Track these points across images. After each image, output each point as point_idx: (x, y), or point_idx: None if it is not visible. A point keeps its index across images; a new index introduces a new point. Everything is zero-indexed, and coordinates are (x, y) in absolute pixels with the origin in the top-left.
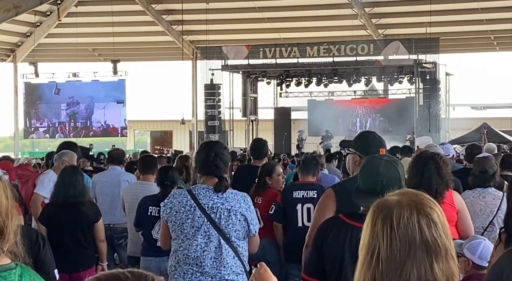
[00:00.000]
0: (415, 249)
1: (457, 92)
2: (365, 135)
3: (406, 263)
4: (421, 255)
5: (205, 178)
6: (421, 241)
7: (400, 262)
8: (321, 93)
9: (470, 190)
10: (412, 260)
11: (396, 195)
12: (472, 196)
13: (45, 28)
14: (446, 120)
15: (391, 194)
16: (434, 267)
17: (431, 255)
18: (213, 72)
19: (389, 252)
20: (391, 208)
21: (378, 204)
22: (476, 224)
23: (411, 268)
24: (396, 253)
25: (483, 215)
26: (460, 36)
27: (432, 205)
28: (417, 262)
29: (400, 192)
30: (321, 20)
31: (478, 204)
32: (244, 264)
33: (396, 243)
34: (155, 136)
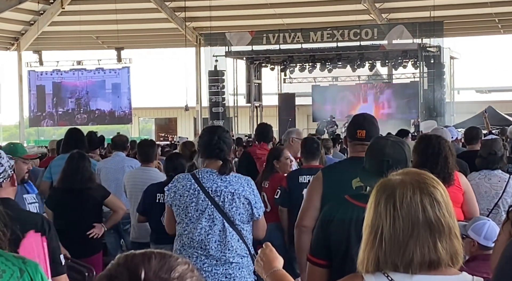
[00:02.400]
0: (418, 228)
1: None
2: (352, 117)
3: (409, 242)
4: (424, 234)
5: (208, 161)
6: (424, 221)
7: (403, 241)
8: (325, 79)
9: (477, 172)
10: (415, 240)
11: (399, 175)
12: (478, 178)
13: (49, 16)
14: (451, 104)
15: (395, 174)
16: (438, 246)
17: (435, 234)
18: (216, 59)
19: (392, 231)
20: (394, 188)
21: (381, 183)
22: (481, 206)
23: (414, 248)
24: (399, 232)
25: (488, 197)
26: (464, 19)
27: (435, 184)
28: (420, 241)
29: (403, 171)
30: (325, 5)
31: (484, 186)
32: (248, 247)
33: (399, 222)
34: (159, 123)
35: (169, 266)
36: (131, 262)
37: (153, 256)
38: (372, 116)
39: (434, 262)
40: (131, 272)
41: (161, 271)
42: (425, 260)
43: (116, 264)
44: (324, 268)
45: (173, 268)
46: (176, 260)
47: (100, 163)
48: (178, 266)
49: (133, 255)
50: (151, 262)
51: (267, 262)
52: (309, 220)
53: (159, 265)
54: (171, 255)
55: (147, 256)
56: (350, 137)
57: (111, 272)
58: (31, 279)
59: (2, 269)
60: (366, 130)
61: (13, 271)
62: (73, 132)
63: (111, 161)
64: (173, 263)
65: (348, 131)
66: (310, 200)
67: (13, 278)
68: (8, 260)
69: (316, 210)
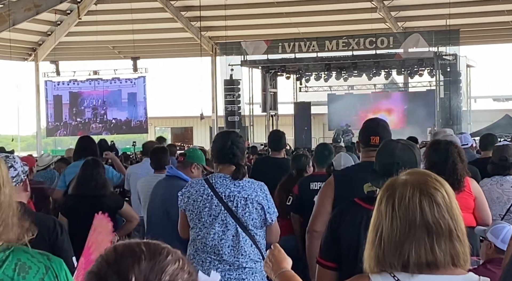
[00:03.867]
0: (415, 229)
1: (478, 84)
2: (365, 123)
3: (406, 243)
4: (421, 235)
5: (221, 166)
6: (421, 222)
7: (400, 241)
8: (340, 87)
9: (488, 178)
10: (411, 240)
11: (404, 175)
12: (490, 184)
13: (66, 27)
14: (468, 112)
15: (402, 174)
16: (435, 248)
17: (432, 236)
18: (232, 68)
19: (390, 231)
20: (395, 188)
21: (388, 183)
22: (493, 211)
23: (410, 248)
24: (396, 232)
25: (500, 202)
26: (480, 27)
27: (437, 185)
28: (417, 243)
29: (409, 172)
30: (340, 14)
31: (495, 192)
32: (261, 252)
33: (396, 222)
34: (175, 132)
35: (159, 268)
36: (120, 264)
37: (142, 256)
38: (385, 122)
39: (431, 263)
40: (121, 277)
41: (151, 274)
42: (421, 261)
43: (105, 262)
44: (333, 270)
45: (164, 269)
46: (166, 258)
47: (130, 168)
48: (169, 266)
49: (122, 253)
50: (141, 265)
51: (276, 263)
52: (320, 224)
53: (149, 266)
54: (161, 251)
55: (137, 257)
56: (364, 143)
57: (100, 273)
58: (56, 275)
59: (28, 266)
60: (379, 136)
61: (38, 268)
62: (84, 141)
63: (141, 167)
64: (163, 263)
65: (361, 137)
66: (321, 205)
67: (39, 274)
68: (33, 257)
69: (328, 214)
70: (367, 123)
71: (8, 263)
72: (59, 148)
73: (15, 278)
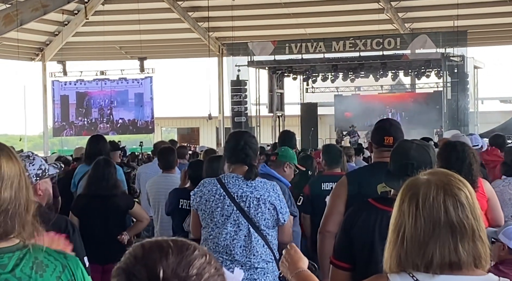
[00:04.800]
0: (439, 229)
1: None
2: (377, 123)
3: (430, 243)
4: (446, 235)
5: (234, 166)
6: (446, 222)
7: (424, 241)
8: (347, 88)
9: (501, 179)
10: (435, 240)
11: (427, 174)
12: (502, 185)
13: (73, 27)
14: (475, 114)
15: (423, 173)
16: (459, 248)
17: (456, 236)
18: (239, 69)
19: (413, 231)
20: (418, 187)
21: (409, 182)
22: (505, 212)
23: (434, 248)
24: (420, 232)
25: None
26: (488, 29)
27: (460, 185)
28: (441, 243)
29: (431, 171)
30: (347, 15)
31: (508, 193)
32: (273, 252)
33: (420, 222)
34: (182, 133)
35: (187, 262)
36: (148, 258)
37: (170, 251)
38: (397, 122)
39: (455, 264)
40: (150, 270)
41: (179, 268)
42: (445, 261)
43: (133, 257)
44: (347, 271)
45: (191, 263)
46: (193, 252)
47: (140, 168)
48: (196, 260)
49: (150, 248)
50: (169, 259)
51: (292, 262)
52: (332, 225)
53: (176, 260)
54: (188, 247)
55: (165, 251)
56: (377, 144)
57: (128, 267)
58: (72, 274)
59: (45, 264)
60: (393, 137)
61: (55, 266)
62: (95, 139)
63: (151, 167)
64: (190, 257)
65: (374, 137)
66: (334, 205)
67: (56, 272)
68: (50, 255)
69: (340, 215)
70: (379, 124)
71: (26, 262)
72: (66, 147)
73: (33, 276)
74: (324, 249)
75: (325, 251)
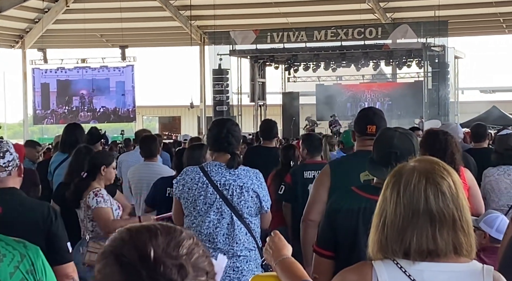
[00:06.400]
0: (418, 216)
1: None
2: (360, 112)
3: (408, 229)
4: (424, 223)
5: (217, 154)
6: (425, 210)
7: (402, 228)
8: (329, 78)
9: (494, 168)
10: (413, 228)
11: (414, 162)
12: (497, 174)
13: (53, 14)
14: (455, 103)
15: (412, 160)
16: (437, 236)
17: (435, 225)
18: (221, 58)
19: (393, 217)
20: (402, 174)
21: (395, 169)
22: (501, 202)
23: (412, 235)
24: (400, 219)
25: (508, 193)
26: (469, 19)
27: (444, 174)
28: (419, 230)
29: (419, 159)
30: (329, 4)
31: (503, 182)
32: (256, 240)
33: (400, 209)
34: (163, 122)
35: (176, 242)
36: (137, 239)
37: (158, 232)
38: (380, 111)
39: (433, 252)
40: (140, 250)
41: (169, 247)
42: (423, 249)
43: (120, 239)
44: (330, 259)
45: (181, 243)
46: (181, 234)
47: (122, 156)
48: (185, 241)
49: (137, 230)
50: (158, 239)
51: (276, 250)
52: (315, 214)
53: (166, 241)
54: (175, 229)
55: (153, 232)
56: (359, 132)
57: (117, 249)
58: (32, 263)
59: (2, 253)
60: (376, 125)
61: (13, 255)
62: (72, 128)
63: (133, 155)
64: (179, 238)
65: (357, 126)
66: (317, 194)
67: (14, 262)
68: (8, 244)
69: (323, 203)
70: (363, 112)
71: None
72: (46, 136)
73: None
74: (307, 238)
75: (308, 240)
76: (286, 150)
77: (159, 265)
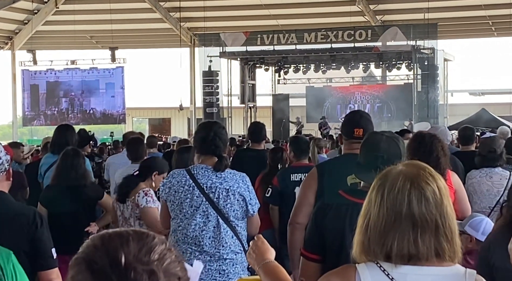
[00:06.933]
0: (400, 220)
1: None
2: (347, 115)
3: (390, 233)
4: (406, 227)
5: (203, 157)
6: (407, 214)
7: (384, 231)
8: (319, 80)
9: (477, 170)
10: (395, 231)
11: (402, 165)
12: (479, 176)
13: (43, 16)
14: (444, 106)
15: (401, 164)
16: (418, 241)
17: (417, 230)
18: (211, 59)
19: (376, 219)
20: (387, 177)
21: (383, 171)
22: (483, 204)
23: (393, 239)
24: (382, 221)
25: (490, 195)
26: (458, 21)
27: (429, 180)
28: (400, 234)
29: (407, 163)
30: (319, 7)
31: (485, 184)
32: (242, 243)
33: (383, 212)
34: (153, 123)
35: (148, 248)
36: (109, 245)
37: (130, 238)
38: (368, 114)
39: (414, 256)
40: (111, 256)
41: (140, 253)
42: (404, 253)
43: (93, 246)
44: (317, 262)
45: (152, 249)
46: (153, 239)
47: (110, 159)
48: (157, 246)
49: (110, 236)
50: (130, 245)
51: (259, 253)
52: (303, 216)
53: (137, 247)
54: (147, 235)
55: (125, 238)
56: (346, 136)
57: (88, 256)
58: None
59: None
60: (363, 128)
61: None
62: (64, 129)
63: (121, 157)
64: (151, 244)
65: (344, 129)
66: (304, 197)
67: None
68: None
69: (310, 206)
70: (350, 116)
71: None
72: (35, 137)
73: None
74: (294, 241)
75: (295, 243)
76: (274, 152)
77: (130, 270)
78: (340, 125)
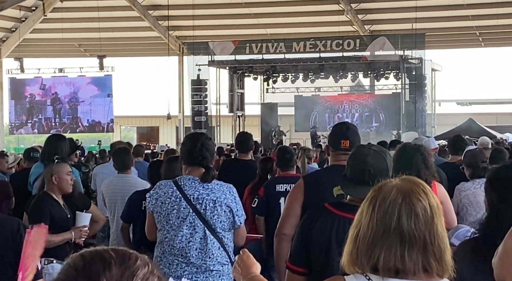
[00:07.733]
0: (389, 234)
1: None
2: (334, 127)
3: (377, 245)
4: (393, 242)
5: (190, 168)
6: (396, 228)
7: (372, 243)
8: (307, 89)
9: (469, 182)
10: (382, 244)
11: (398, 180)
12: (474, 187)
13: (31, 23)
14: (432, 115)
15: (398, 178)
16: (405, 256)
17: (405, 245)
18: (199, 68)
19: (365, 231)
20: (381, 190)
21: (379, 184)
22: (479, 215)
23: (380, 252)
24: (371, 234)
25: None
26: (445, 32)
27: (422, 196)
28: (387, 247)
29: (403, 177)
30: (308, 16)
31: (481, 195)
32: (229, 254)
33: (372, 223)
34: (141, 132)
35: (130, 273)
36: (90, 270)
37: (112, 262)
38: (354, 126)
39: (400, 271)
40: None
41: (122, 278)
42: (390, 266)
43: (74, 270)
44: (303, 275)
45: (135, 273)
46: (135, 262)
47: (97, 168)
48: (139, 270)
49: (91, 259)
50: (112, 270)
51: (245, 268)
52: (289, 228)
53: (119, 272)
54: (130, 257)
55: (107, 262)
56: (333, 147)
57: (70, 279)
58: None
59: None
60: (350, 140)
61: None
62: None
63: (108, 167)
64: (133, 267)
65: (331, 140)
66: (290, 208)
67: None
68: None
69: (297, 217)
70: (336, 127)
71: None
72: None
73: None
74: (281, 252)
75: (281, 254)
76: (264, 162)
77: None
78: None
